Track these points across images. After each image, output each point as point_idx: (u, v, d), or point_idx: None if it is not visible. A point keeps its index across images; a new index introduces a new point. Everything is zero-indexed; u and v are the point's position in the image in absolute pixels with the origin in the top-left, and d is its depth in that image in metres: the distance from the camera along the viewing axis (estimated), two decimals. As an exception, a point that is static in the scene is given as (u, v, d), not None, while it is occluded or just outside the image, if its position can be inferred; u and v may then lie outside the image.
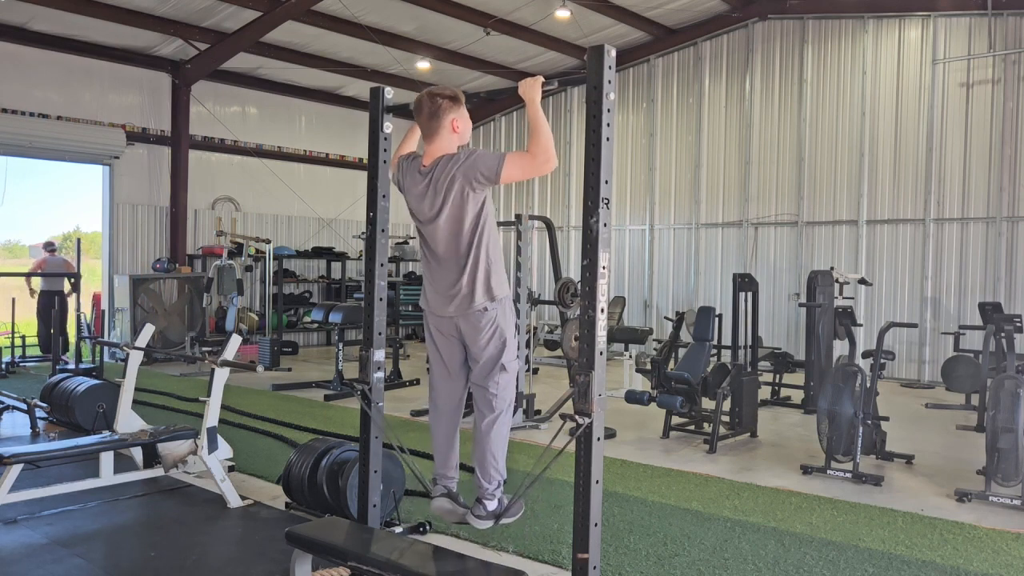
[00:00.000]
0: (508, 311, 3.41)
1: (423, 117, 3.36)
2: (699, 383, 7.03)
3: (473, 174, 3.24)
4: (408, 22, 11.91)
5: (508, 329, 3.39)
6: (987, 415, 5.40)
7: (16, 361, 11.04)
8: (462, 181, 3.25)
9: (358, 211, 14.46)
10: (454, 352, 3.47)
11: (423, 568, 3.03)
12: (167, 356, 11.42)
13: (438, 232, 3.36)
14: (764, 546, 4.37)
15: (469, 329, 3.37)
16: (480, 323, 3.33)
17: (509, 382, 3.41)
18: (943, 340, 10.58)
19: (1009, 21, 10.36)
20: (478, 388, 3.44)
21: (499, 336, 3.36)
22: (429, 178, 3.33)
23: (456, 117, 3.35)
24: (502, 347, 3.37)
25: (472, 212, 3.29)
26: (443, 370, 3.52)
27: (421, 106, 3.36)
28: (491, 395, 3.38)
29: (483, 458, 3.42)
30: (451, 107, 3.34)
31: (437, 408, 3.58)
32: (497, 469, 3.43)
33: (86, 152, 11.62)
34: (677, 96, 13.45)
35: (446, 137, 3.35)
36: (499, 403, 3.39)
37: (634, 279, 13.88)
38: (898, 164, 11.25)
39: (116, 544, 4.44)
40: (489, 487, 3.43)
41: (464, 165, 3.26)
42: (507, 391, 3.41)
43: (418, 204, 3.40)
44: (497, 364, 3.37)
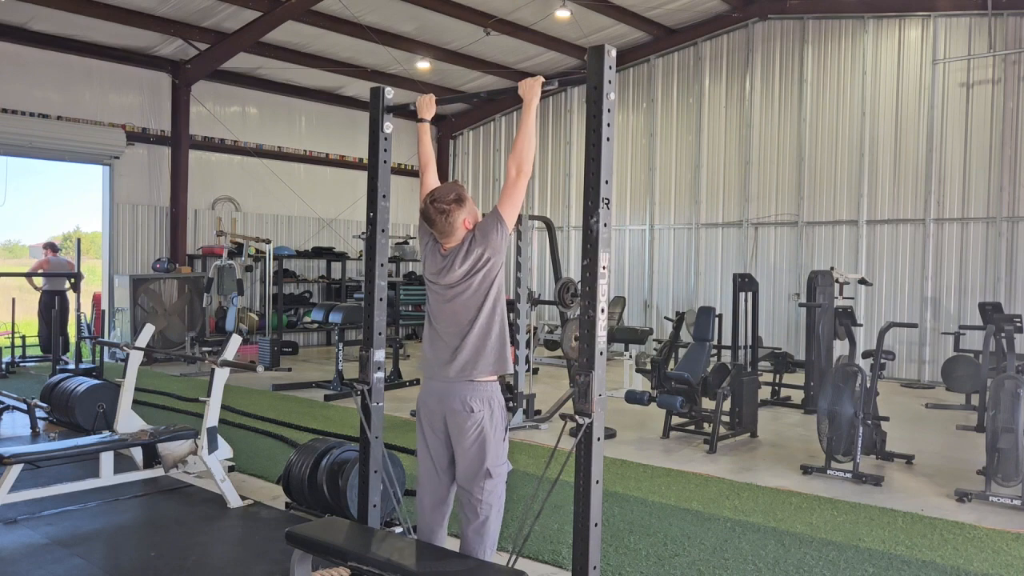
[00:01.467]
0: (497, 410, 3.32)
1: (435, 226, 3.36)
2: (699, 383, 7.04)
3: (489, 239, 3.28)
4: (408, 22, 11.91)
5: (494, 434, 3.29)
6: (987, 415, 5.40)
7: (16, 361, 11.04)
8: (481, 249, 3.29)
9: (358, 211, 14.46)
10: (441, 450, 3.40)
11: (423, 568, 3.03)
12: (167, 356, 11.42)
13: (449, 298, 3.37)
14: (764, 546, 4.37)
15: (455, 429, 3.30)
16: (465, 425, 3.27)
17: (495, 487, 3.31)
18: (943, 340, 10.59)
19: (1009, 21, 10.36)
20: (463, 491, 3.35)
21: (482, 442, 3.26)
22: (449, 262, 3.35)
23: (466, 216, 3.36)
24: (485, 454, 3.27)
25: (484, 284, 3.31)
26: (430, 466, 3.45)
27: (432, 219, 3.34)
28: (476, 500, 3.30)
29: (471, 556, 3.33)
30: (458, 210, 3.34)
31: (421, 504, 3.50)
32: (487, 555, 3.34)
33: (86, 152, 11.62)
34: (677, 96, 13.45)
35: (460, 234, 3.37)
36: (484, 509, 3.30)
37: (634, 279, 13.88)
38: (898, 164, 11.25)
39: (116, 544, 4.44)
40: None
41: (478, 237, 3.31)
42: (493, 496, 3.31)
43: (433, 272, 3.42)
44: (481, 470, 3.28)
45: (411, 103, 3.73)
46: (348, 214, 14.84)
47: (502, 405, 3.37)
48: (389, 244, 3.85)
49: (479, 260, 3.30)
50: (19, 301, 11.55)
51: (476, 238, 3.32)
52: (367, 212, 3.70)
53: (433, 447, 3.42)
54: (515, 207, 3.32)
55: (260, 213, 13.93)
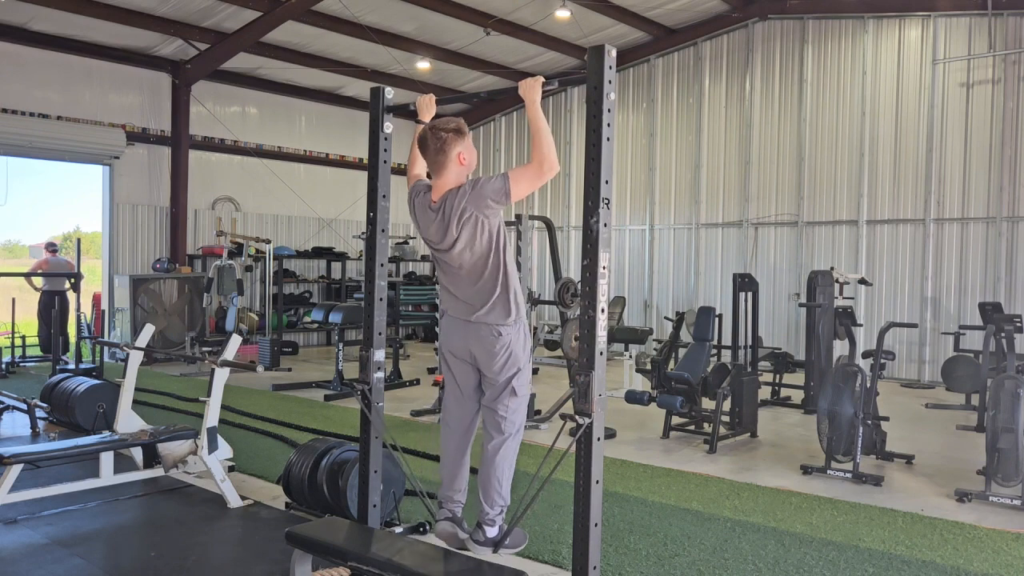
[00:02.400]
0: (523, 335, 3.42)
1: (428, 153, 3.35)
2: (699, 383, 7.04)
3: (483, 203, 3.25)
4: (408, 22, 11.91)
5: (522, 355, 3.40)
6: (987, 415, 5.40)
7: (16, 361, 11.04)
8: (473, 212, 3.26)
9: (358, 211, 14.46)
10: (468, 375, 3.48)
11: (423, 568, 3.03)
12: (167, 356, 11.42)
13: (453, 260, 3.39)
14: (764, 546, 4.37)
15: (482, 353, 3.38)
16: (494, 347, 3.35)
17: (519, 406, 3.42)
18: (943, 340, 10.59)
19: (1009, 21, 10.36)
20: (488, 410, 3.45)
21: (512, 361, 3.37)
22: (440, 212, 3.33)
23: (462, 150, 3.34)
24: (515, 372, 3.38)
25: (485, 239, 3.31)
26: (456, 391, 3.53)
27: (426, 142, 3.34)
28: (500, 417, 3.40)
29: (487, 481, 3.42)
30: (456, 140, 3.32)
31: (448, 427, 3.59)
32: (500, 494, 3.43)
33: (86, 152, 11.62)
34: (677, 96, 13.45)
35: (453, 170, 3.35)
36: (508, 426, 3.40)
37: (634, 279, 13.88)
38: (898, 164, 11.25)
39: (116, 544, 4.44)
40: (491, 512, 3.43)
41: (471, 196, 3.27)
42: (516, 415, 3.41)
43: (433, 235, 3.41)
44: (508, 387, 3.38)
45: (411, 103, 3.74)
46: (348, 214, 14.84)
47: (527, 331, 3.45)
48: (389, 244, 3.85)
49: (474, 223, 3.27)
50: (19, 301, 11.55)
51: (471, 198, 3.25)
52: (367, 212, 3.70)
53: (459, 372, 3.50)
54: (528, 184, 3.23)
55: (260, 213, 13.93)
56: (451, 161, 3.33)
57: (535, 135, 3.19)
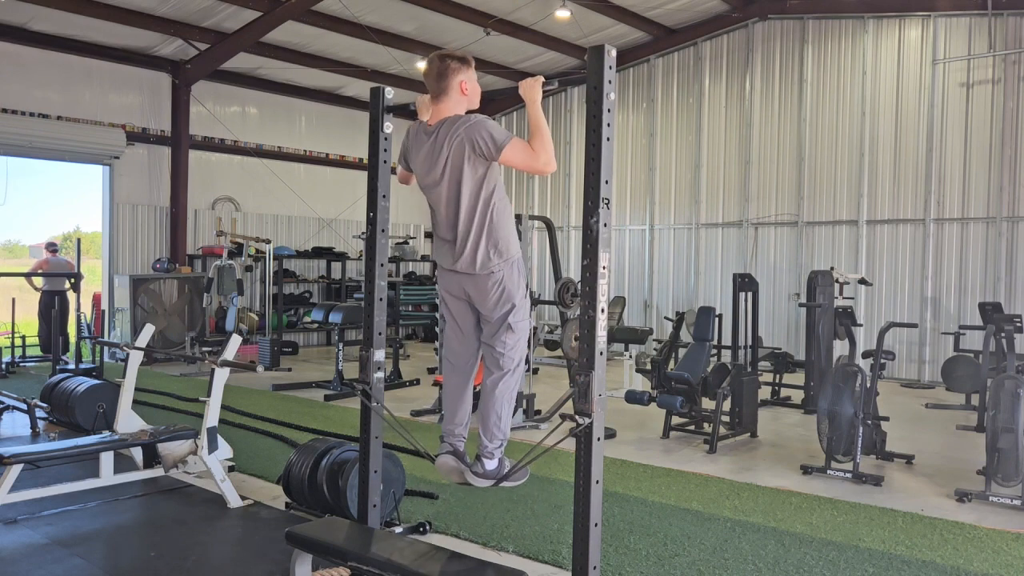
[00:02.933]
0: (517, 273, 3.39)
1: (431, 78, 3.30)
2: (699, 383, 7.03)
3: (477, 138, 3.17)
4: (408, 22, 11.91)
5: (516, 291, 3.37)
6: (987, 415, 5.40)
7: (16, 361, 11.04)
8: (465, 142, 3.20)
9: (358, 211, 14.46)
10: (465, 313, 3.47)
11: (423, 568, 3.03)
12: (167, 356, 11.42)
13: (442, 195, 3.33)
14: (764, 546, 4.37)
15: (476, 292, 3.36)
16: (486, 285, 3.32)
17: (517, 342, 3.41)
18: (943, 340, 10.59)
19: (1009, 21, 10.36)
20: (487, 347, 3.45)
21: (506, 297, 3.34)
22: (434, 137, 3.28)
23: (465, 79, 3.30)
24: (510, 308, 3.35)
25: (476, 175, 3.25)
26: (455, 329, 3.52)
27: (430, 67, 3.30)
28: (498, 354, 3.39)
29: (487, 415, 3.42)
30: (460, 68, 3.28)
31: (449, 363, 3.58)
32: (500, 428, 3.42)
33: (86, 152, 11.62)
34: (677, 96, 13.45)
35: (455, 99, 3.30)
36: (506, 362, 3.39)
37: (634, 279, 13.88)
38: (898, 164, 11.25)
39: (116, 544, 4.44)
40: (490, 445, 3.42)
41: (470, 126, 3.20)
42: (515, 351, 3.40)
43: (422, 166, 3.36)
44: (504, 324, 3.36)
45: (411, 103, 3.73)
46: (348, 214, 14.84)
47: (521, 268, 3.43)
48: (389, 244, 3.85)
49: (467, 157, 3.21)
50: (19, 301, 11.55)
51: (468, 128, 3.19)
52: (367, 212, 3.69)
53: (456, 311, 3.49)
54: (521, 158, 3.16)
55: (260, 213, 13.93)
56: (453, 88, 3.29)
57: (536, 133, 3.17)
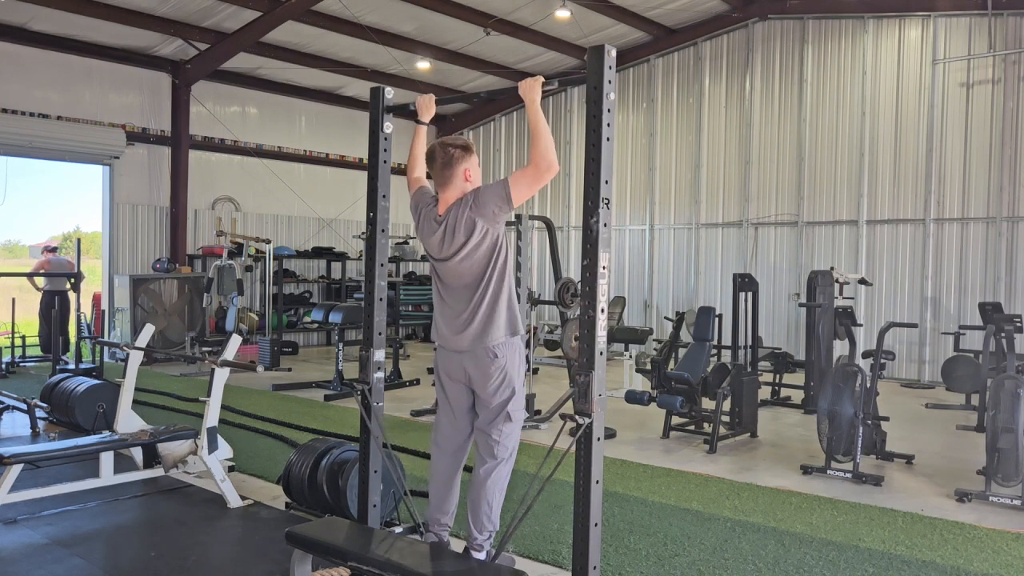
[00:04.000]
0: (519, 357, 3.42)
1: (436, 167, 3.43)
2: (699, 383, 7.03)
3: (485, 210, 3.28)
4: (408, 22, 11.91)
5: (517, 378, 3.40)
6: (987, 415, 5.40)
7: (16, 361, 11.04)
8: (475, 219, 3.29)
9: (358, 211, 14.46)
10: (461, 396, 3.48)
11: (423, 568, 3.03)
12: (167, 356, 11.42)
13: (452, 271, 3.40)
14: (764, 546, 4.37)
15: (477, 374, 3.37)
16: (489, 369, 3.34)
17: (513, 431, 3.41)
18: (943, 340, 10.59)
19: (1009, 21, 10.36)
20: (481, 434, 3.44)
21: (507, 384, 3.36)
22: (444, 224, 3.37)
23: (468, 167, 3.41)
24: (509, 396, 3.37)
25: (485, 248, 3.33)
26: (448, 412, 3.52)
27: (434, 156, 3.43)
28: (493, 442, 3.39)
29: (477, 505, 3.41)
30: (463, 157, 3.41)
31: (438, 447, 3.57)
32: (490, 519, 3.41)
33: (86, 152, 11.62)
34: (677, 96, 13.45)
35: (459, 186, 3.41)
36: (500, 451, 3.39)
37: (634, 279, 13.88)
38: (898, 164, 11.25)
39: (116, 544, 4.44)
40: (479, 537, 3.41)
41: (474, 204, 3.31)
42: (510, 440, 3.40)
43: (433, 247, 3.45)
44: (503, 412, 3.37)
45: (411, 103, 3.73)
46: (348, 214, 14.84)
47: (522, 353, 3.45)
48: (389, 244, 3.85)
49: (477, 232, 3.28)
50: (19, 301, 11.54)
51: (474, 206, 3.29)
52: (367, 212, 3.70)
53: (452, 393, 3.49)
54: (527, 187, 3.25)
55: (260, 213, 13.93)
56: (457, 176, 3.40)
57: (534, 135, 3.20)
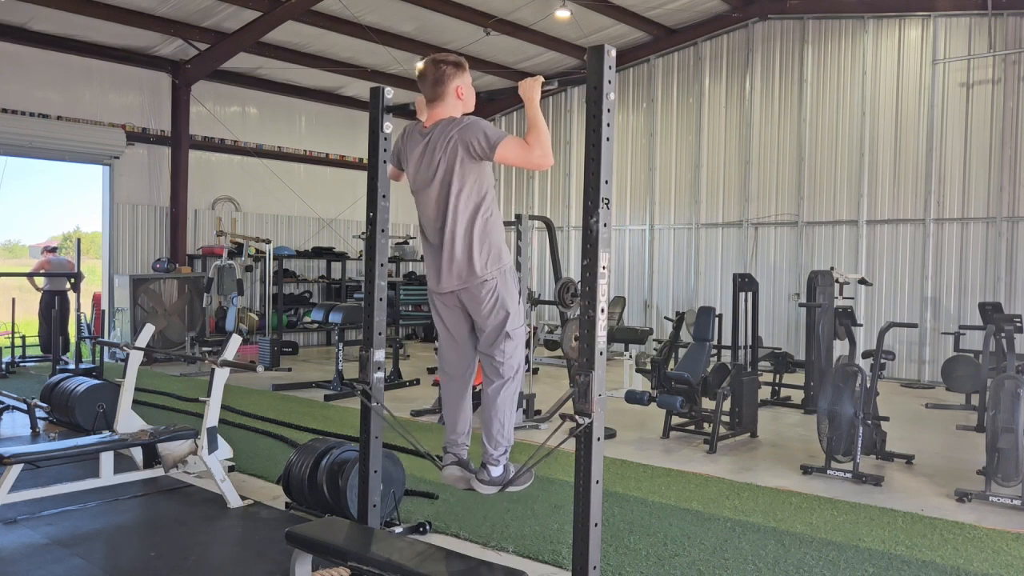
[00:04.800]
0: (510, 280, 3.38)
1: (427, 83, 3.32)
2: (699, 383, 7.03)
3: (471, 139, 3.17)
4: (408, 22, 11.91)
5: (510, 298, 3.36)
6: (987, 415, 5.40)
7: (16, 361, 11.04)
8: (459, 144, 3.20)
9: (358, 211, 14.45)
10: (459, 322, 3.45)
11: (423, 568, 3.03)
12: (167, 356, 11.42)
13: (431, 197, 3.30)
14: (764, 546, 4.37)
15: (471, 301, 3.34)
16: (480, 294, 3.30)
17: (515, 349, 3.39)
18: (943, 340, 10.59)
19: (1009, 21, 10.36)
20: (485, 356, 3.42)
21: (501, 305, 3.32)
22: (428, 139, 3.28)
23: (460, 84, 3.32)
24: (505, 316, 3.34)
25: (468, 180, 3.23)
26: (449, 340, 3.51)
27: (425, 72, 3.32)
28: (497, 363, 3.37)
29: (489, 423, 3.40)
30: (455, 73, 3.31)
31: (446, 373, 3.57)
32: (504, 435, 3.41)
33: (86, 152, 11.61)
34: (677, 96, 13.45)
35: (450, 103, 3.32)
36: (506, 370, 3.37)
37: (634, 279, 13.88)
38: (898, 164, 11.25)
39: (116, 544, 4.44)
40: (495, 452, 3.40)
41: (463, 127, 3.20)
42: (513, 358, 3.39)
43: (414, 166, 3.35)
44: (501, 332, 3.34)
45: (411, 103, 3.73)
46: (348, 214, 14.84)
47: (513, 275, 3.40)
48: (389, 244, 3.85)
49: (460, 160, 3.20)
50: (19, 301, 11.55)
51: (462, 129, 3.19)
52: (367, 212, 3.70)
53: (449, 321, 3.46)
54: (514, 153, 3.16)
55: (260, 213, 13.93)
56: (449, 93, 3.30)
57: (533, 127, 3.15)
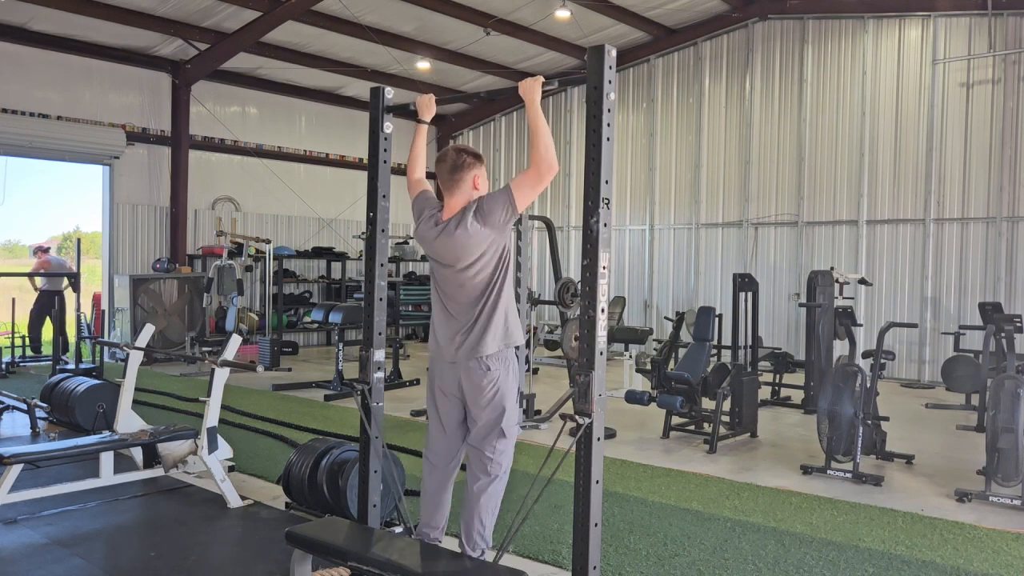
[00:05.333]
0: (512, 372, 3.36)
1: (446, 168, 3.37)
2: (699, 383, 7.03)
3: (493, 219, 3.24)
4: (408, 22, 11.91)
5: (510, 393, 3.35)
6: (987, 415, 5.40)
7: (16, 361, 11.04)
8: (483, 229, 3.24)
9: (358, 211, 14.46)
10: (452, 411, 3.43)
11: (423, 568, 3.03)
12: (167, 356, 11.41)
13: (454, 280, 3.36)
14: (764, 546, 4.37)
15: (470, 388, 3.33)
16: (482, 382, 3.30)
17: (507, 447, 3.37)
18: (943, 340, 10.59)
19: (1009, 21, 10.36)
20: (474, 450, 3.39)
21: (500, 400, 3.32)
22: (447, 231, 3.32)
23: (478, 174, 3.38)
24: (502, 412, 3.32)
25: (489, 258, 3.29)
26: (439, 427, 3.49)
27: (446, 157, 3.39)
28: (487, 458, 3.35)
29: (470, 522, 3.39)
30: (475, 164, 3.38)
31: (430, 462, 3.55)
32: (483, 536, 3.40)
33: (86, 152, 11.61)
34: (677, 96, 13.45)
35: (466, 192, 3.37)
36: (494, 468, 3.35)
37: (634, 279, 13.88)
38: (898, 164, 11.25)
39: (116, 544, 4.44)
40: (472, 554, 3.39)
41: (478, 212, 3.26)
42: (504, 456, 3.36)
43: (435, 252, 3.40)
44: (496, 429, 3.33)
45: (411, 103, 3.73)
46: (348, 214, 14.84)
47: (516, 369, 3.39)
48: (389, 244, 3.85)
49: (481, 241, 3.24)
50: (19, 301, 11.55)
51: (479, 214, 3.24)
52: (367, 212, 3.70)
53: (443, 408, 3.44)
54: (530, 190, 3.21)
55: (260, 213, 13.93)
56: (465, 182, 3.36)
57: (534, 135, 3.17)
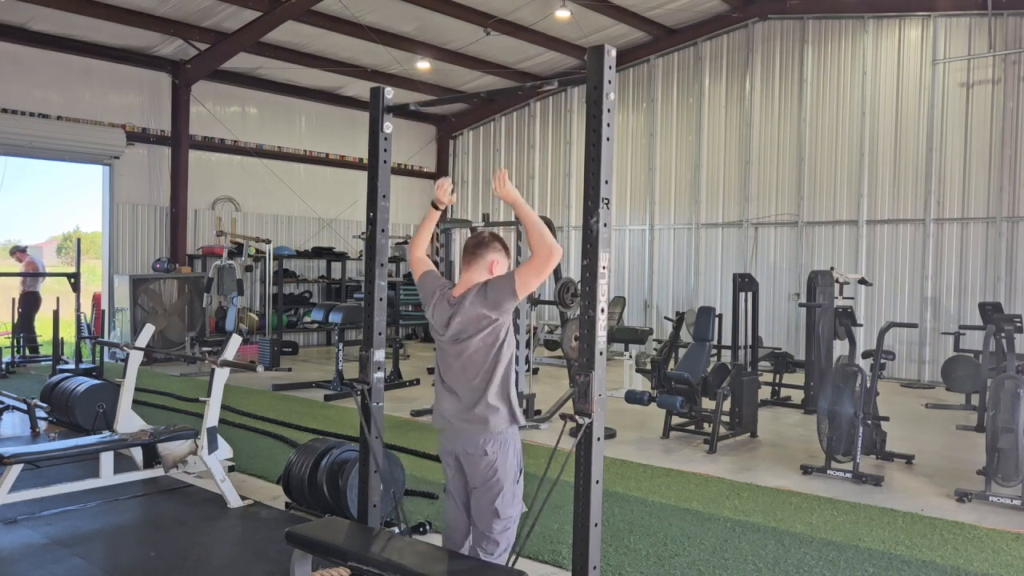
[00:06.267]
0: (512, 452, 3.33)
1: (471, 243, 3.42)
2: (699, 383, 7.04)
3: (493, 304, 3.25)
4: (408, 22, 11.91)
5: (508, 475, 3.31)
6: (987, 415, 5.40)
7: (16, 361, 11.04)
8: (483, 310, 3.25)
9: (358, 211, 14.46)
10: (459, 483, 3.42)
11: (423, 568, 3.03)
12: (167, 356, 11.41)
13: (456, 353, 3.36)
14: (764, 546, 4.37)
15: (469, 467, 3.33)
16: (479, 466, 3.28)
17: (506, 528, 3.35)
18: (943, 340, 10.59)
19: (1009, 21, 10.36)
20: (474, 527, 3.39)
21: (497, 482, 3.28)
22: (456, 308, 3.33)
23: (497, 260, 3.40)
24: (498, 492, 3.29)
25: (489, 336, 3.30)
26: (450, 498, 3.49)
27: (475, 236, 3.45)
28: (485, 538, 3.35)
29: None
30: (500, 250, 3.41)
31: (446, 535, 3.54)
32: None
33: (86, 152, 11.61)
34: (677, 96, 13.45)
35: (482, 271, 3.38)
36: (491, 546, 3.34)
37: (634, 279, 13.88)
38: (898, 164, 11.25)
39: (116, 544, 4.44)
40: None
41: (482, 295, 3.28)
42: (503, 536, 3.35)
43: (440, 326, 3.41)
44: (491, 508, 3.31)
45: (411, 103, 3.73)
46: (348, 214, 14.84)
47: (518, 449, 3.36)
48: (389, 244, 3.85)
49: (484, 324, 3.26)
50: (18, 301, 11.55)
51: (486, 297, 3.27)
52: (367, 212, 3.70)
53: (452, 483, 3.45)
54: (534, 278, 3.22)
55: (260, 213, 13.92)
56: (485, 260, 3.38)
57: (527, 228, 3.18)
